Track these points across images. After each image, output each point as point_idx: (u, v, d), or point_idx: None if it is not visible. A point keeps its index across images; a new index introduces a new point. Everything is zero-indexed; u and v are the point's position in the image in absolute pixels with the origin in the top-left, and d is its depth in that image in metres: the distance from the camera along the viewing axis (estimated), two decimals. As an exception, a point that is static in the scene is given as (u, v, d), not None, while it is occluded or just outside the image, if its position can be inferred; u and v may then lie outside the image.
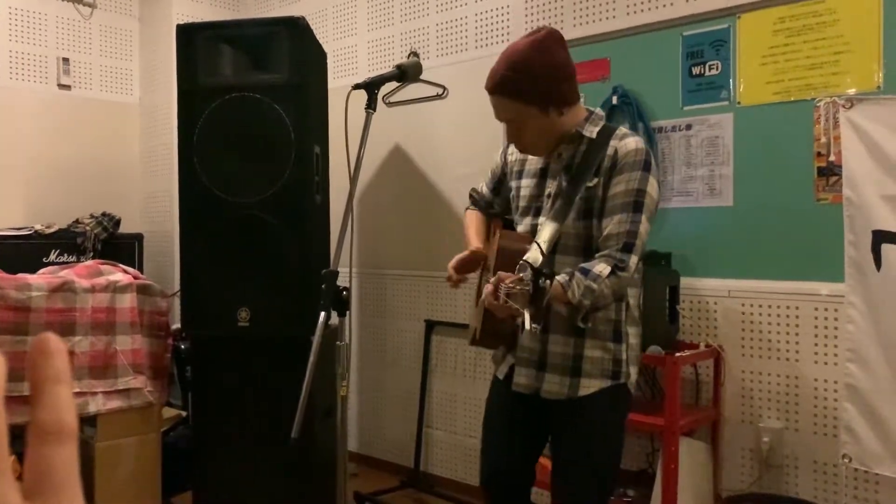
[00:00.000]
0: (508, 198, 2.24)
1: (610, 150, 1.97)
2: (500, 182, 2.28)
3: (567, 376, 2.01)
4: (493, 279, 1.73)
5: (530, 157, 2.14)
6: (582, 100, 3.08)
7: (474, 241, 2.20)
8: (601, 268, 1.86)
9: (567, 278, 1.82)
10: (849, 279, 2.55)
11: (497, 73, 1.98)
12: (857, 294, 2.54)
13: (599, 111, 2.10)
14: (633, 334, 2.06)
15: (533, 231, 2.03)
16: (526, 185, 2.13)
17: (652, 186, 1.95)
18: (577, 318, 1.96)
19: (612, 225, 1.93)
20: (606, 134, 2.01)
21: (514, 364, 2.11)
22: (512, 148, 2.22)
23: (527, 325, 1.60)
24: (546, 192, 2.07)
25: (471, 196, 2.40)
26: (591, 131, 2.01)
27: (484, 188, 2.35)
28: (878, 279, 2.49)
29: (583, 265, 1.88)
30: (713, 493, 2.87)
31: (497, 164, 2.29)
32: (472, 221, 2.32)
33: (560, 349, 2.02)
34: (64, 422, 0.38)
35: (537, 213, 2.07)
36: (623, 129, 2.03)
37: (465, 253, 2.15)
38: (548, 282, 1.63)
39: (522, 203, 2.14)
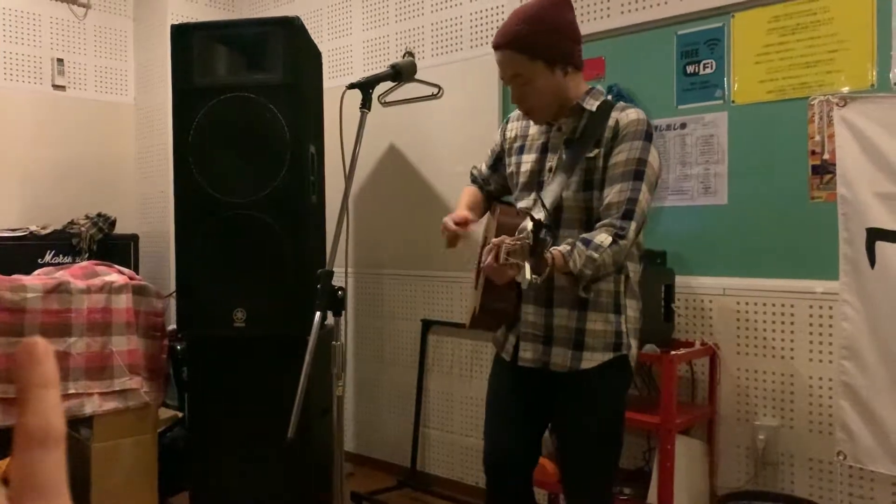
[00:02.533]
0: (504, 176, 2.26)
1: (611, 122, 1.98)
2: (498, 159, 2.30)
3: (570, 349, 2.03)
4: (494, 241, 1.71)
5: (531, 132, 2.15)
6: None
7: (462, 207, 2.21)
8: (602, 237, 1.86)
9: (568, 248, 1.83)
10: (843, 277, 2.56)
11: (507, 27, 2.01)
12: (851, 291, 2.55)
13: (599, 87, 2.13)
14: (631, 307, 2.08)
15: (534, 206, 2.03)
16: (527, 160, 2.14)
17: (653, 156, 1.97)
18: (579, 288, 1.97)
19: (613, 194, 1.94)
20: (607, 107, 2.03)
21: (517, 342, 2.11)
22: (511, 125, 2.24)
23: (527, 276, 1.59)
24: (547, 167, 2.08)
25: (471, 173, 2.42)
26: (592, 104, 2.04)
27: (483, 165, 2.37)
28: (872, 276, 2.50)
29: (584, 235, 1.88)
30: (709, 490, 2.88)
31: (497, 142, 2.30)
32: (466, 194, 2.33)
33: (564, 322, 2.03)
34: (51, 427, 0.37)
35: (540, 188, 2.08)
36: (623, 103, 2.05)
37: (451, 216, 2.14)
38: (548, 234, 1.63)
39: (523, 179, 2.14)
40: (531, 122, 2.18)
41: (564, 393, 2.09)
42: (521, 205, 2.13)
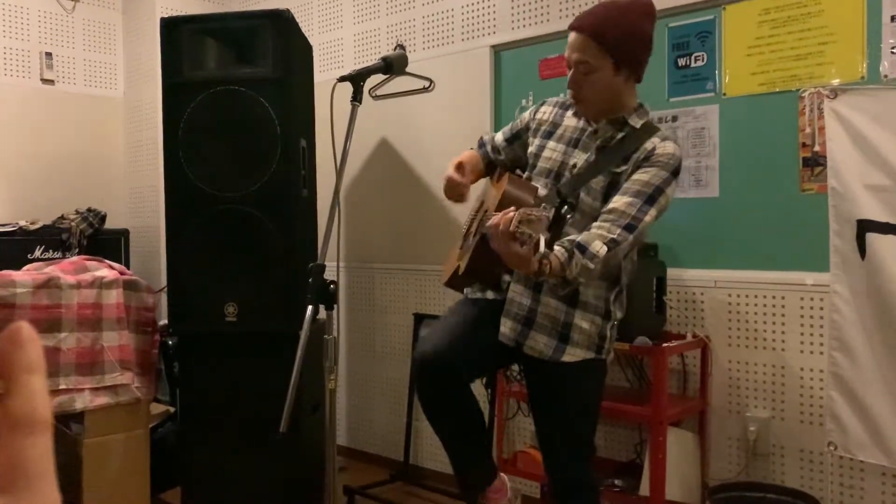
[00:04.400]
0: (518, 154, 2.28)
1: (648, 145, 2.00)
2: (517, 136, 2.32)
3: (555, 339, 2.07)
4: (506, 212, 1.69)
5: (565, 123, 2.17)
6: (569, 91, 3.07)
7: (454, 162, 2.23)
8: (598, 246, 1.88)
9: (567, 256, 1.84)
10: (834, 269, 2.57)
11: (591, 13, 2.02)
12: (842, 283, 2.56)
13: (647, 106, 2.13)
14: (618, 317, 2.15)
15: (548, 195, 2.06)
16: (553, 147, 2.16)
17: (671, 191, 2.01)
18: (563, 290, 2.02)
19: (623, 203, 1.95)
20: (649, 129, 2.05)
21: (500, 300, 2.14)
22: (546, 108, 2.25)
23: (541, 248, 1.59)
24: (572, 163, 2.10)
25: (481, 138, 2.42)
26: (637, 122, 2.06)
27: (499, 135, 2.37)
28: (862, 268, 2.51)
29: (579, 240, 1.88)
30: (700, 482, 2.89)
31: (523, 120, 2.31)
32: (466, 154, 2.34)
33: (552, 312, 2.07)
34: (37, 412, 0.37)
35: (557, 179, 2.11)
36: (666, 132, 2.08)
37: (454, 161, 2.19)
38: (571, 211, 1.64)
39: (544, 164, 2.16)
40: (567, 114, 2.19)
41: (542, 383, 2.15)
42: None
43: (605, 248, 1.87)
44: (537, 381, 2.18)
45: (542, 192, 2.09)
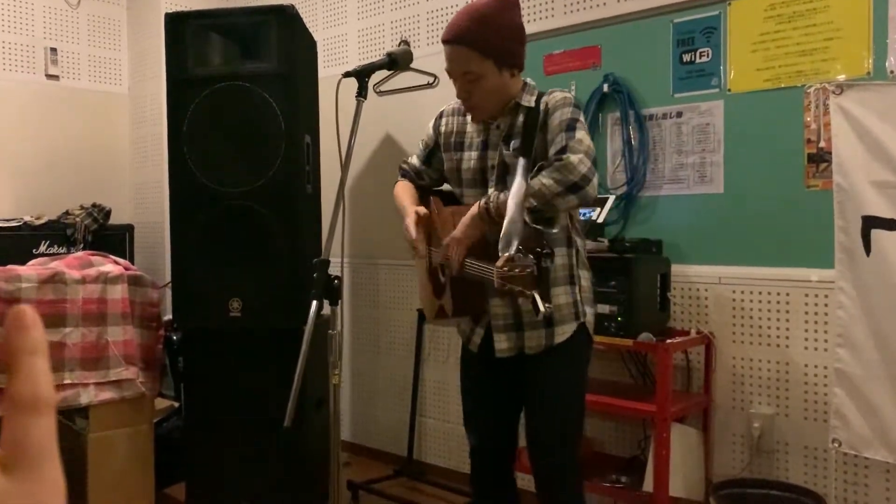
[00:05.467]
0: (440, 169, 2.32)
1: (542, 106, 2.08)
2: (431, 153, 2.35)
3: (542, 328, 2.12)
4: (475, 266, 1.74)
5: (468, 129, 2.22)
6: (573, 87, 3.09)
7: (411, 206, 2.24)
8: (536, 180, 1.94)
9: (525, 206, 1.89)
10: (839, 265, 2.57)
11: (459, 24, 2.05)
12: (847, 280, 2.55)
13: (531, 81, 2.19)
14: (584, 277, 2.19)
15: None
16: (468, 157, 2.20)
17: (583, 118, 2.06)
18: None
19: (552, 148, 2.02)
20: (540, 97, 2.12)
21: (484, 334, 2.20)
22: (445, 119, 2.30)
23: (542, 308, 1.61)
24: (490, 164, 2.15)
25: (400, 168, 2.46)
26: (529, 101, 2.12)
27: (414, 159, 2.41)
28: (867, 265, 2.50)
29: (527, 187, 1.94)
30: (704, 478, 2.89)
31: (429, 136, 2.35)
32: (405, 190, 2.36)
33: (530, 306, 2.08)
34: (40, 393, 0.37)
35: (484, 184, 2.16)
36: (551, 89, 2.13)
37: (413, 219, 2.17)
38: (549, 261, 1.66)
39: (467, 175, 2.21)
40: (466, 120, 2.24)
41: (536, 367, 2.18)
42: (468, 202, 2.17)
43: (542, 172, 1.94)
44: (535, 370, 2.20)
45: (468, 200, 2.16)
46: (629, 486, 2.86)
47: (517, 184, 1.94)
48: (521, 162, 2.00)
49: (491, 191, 2.05)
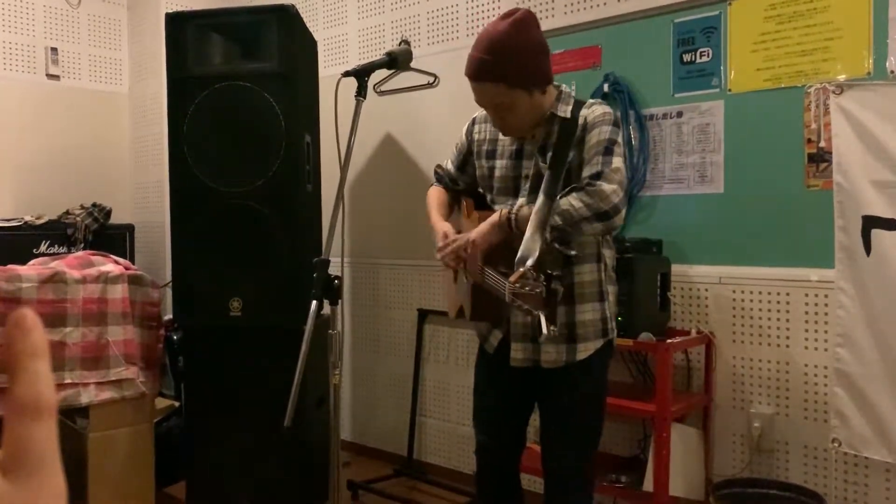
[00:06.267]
0: (474, 175, 2.29)
1: (580, 121, 2.03)
2: (465, 160, 2.32)
3: (563, 343, 2.08)
4: (490, 275, 1.74)
5: (501, 137, 2.18)
6: (573, 86, 3.09)
7: (439, 222, 2.24)
8: (563, 200, 1.92)
9: (550, 227, 1.89)
10: (839, 265, 2.57)
11: (478, 58, 1.99)
12: (847, 279, 2.55)
13: (566, 88, 2.15)
14: (612, 293, 2.18)
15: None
16: (501, 165, 2.17)
17: (621, 140, 2.03)
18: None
19: (586, 169, 1.99)
20: (577, 108, 2.07)
21: (502, 338, 2.18)
22: (478, 127, 2.26)
23: (545, 331, 1.60)
24: (524, 174, 2.12)
25: (435, 172, 2.44)
26: (565, 111, 2.07)
27: (449, 164, 2.38)
28: (867, 264, 2.50)
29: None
30: (704, 478, 2.89)
31: (462, 142, 2.32)
32: (436, 199, 2.35)
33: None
34: (42, 396, 0.37)
35: (516, 193, 2.13)
36: (591, 100, 2.10)
37: (441, 241, 2.16)
38: (559, 285, 1.64)
39: (498, 184, 2.17)
40: None
41: (558, 383, 2.15)
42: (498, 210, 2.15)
43: (569, 194, 1.93)
44: (555, 387, 2.16)
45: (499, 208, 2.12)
46: (629, 486, 2.86)
47: (540, 200, 1.91)
48: (547, 175, 1.97)
49: (519, 201, 2.03)
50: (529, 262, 1.70)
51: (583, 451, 2.19)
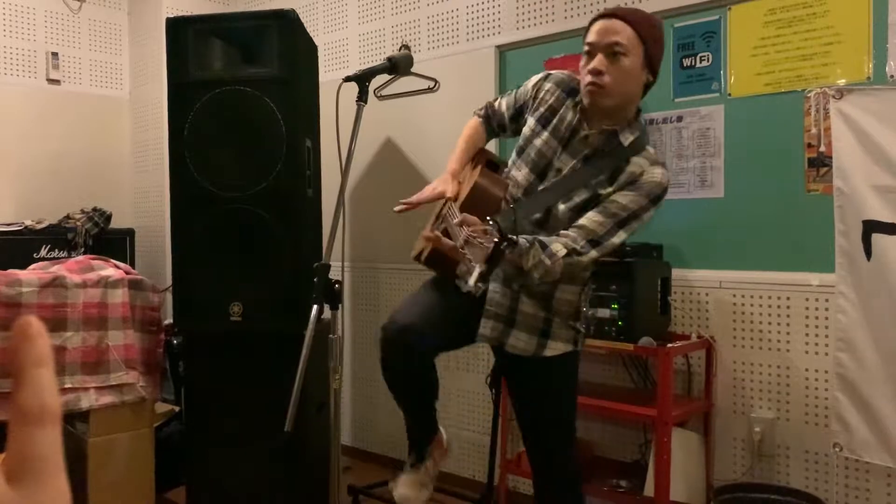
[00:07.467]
0: (519, 132, 2.21)
1: (636, 168, 1.98)
2: (520, 112, 2.22)
3: (535, 336, 2.10)
4: (456, 218, 1.75)
5: (563, 113, 2.09)
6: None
7: (454, 164, 2.22)
8: (557, 247, 1.90)
9: (528, 245, 1.85)
10: (839, 269, 2.57)
11: (621, 9, 2.02)
12: (847, 284, 2.55)
13: (642, 121, 2.11)
14: (585, 308, 2.21)
15: (529, 187, 2.08)
16: (545, 139, 2.09)
17: (648, 217, 2.00)
18: (515, 282, 2.04)
19: (593, 221, 1.96)
20: (637, 148, 2.01)
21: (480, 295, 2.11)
22: (550, 87, 2.14)
23: (471, 282, 1.60)
24: (557, 167, 2.07)
25: (485, 107, 2.33)
26: (627, 138, 2.02)
27: (503, 107, 2.27)
28: (868, 269, 2.50)
29: (543, 239, 1.91)
30: (705, 483, 2.89)
31: (527, 91, 2.20)
32: (471, 137, 2.30)
33: (531, 311, 2.09)
34: (46, 404, 0.38)
35: (541, 175, 2.08)
36: (655, 154, 2.02)
37: (432, 195, 2.18)
38: (508, 249, 1.65)
39: (533, 156, 2.10)
40: (567, 103, 2.10)
41: (525, 376, 2.19)
42: (516, 174, 2.12)
43: (564, 251, 1.89)
44: (521, 376, 2.21)
45: (517, 173, 2.10)
46: (630, 491, 2.85)
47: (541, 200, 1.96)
48: (568, 182, 2.01)
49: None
50: (495, 223, 1.68)
51: (565, 425, 2.23)
